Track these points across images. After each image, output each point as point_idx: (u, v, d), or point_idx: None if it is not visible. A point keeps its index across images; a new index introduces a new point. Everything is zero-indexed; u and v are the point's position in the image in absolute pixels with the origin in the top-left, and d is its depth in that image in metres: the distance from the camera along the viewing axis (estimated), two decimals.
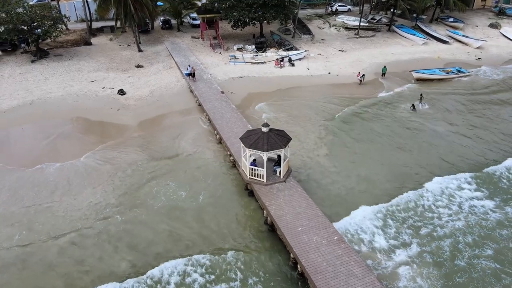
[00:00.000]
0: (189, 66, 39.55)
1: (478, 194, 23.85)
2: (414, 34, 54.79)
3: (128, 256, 19.38)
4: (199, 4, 56.62)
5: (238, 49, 49.43)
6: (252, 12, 47.17)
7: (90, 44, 51.98)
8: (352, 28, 57.80)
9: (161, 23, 58.76)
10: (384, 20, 60.08)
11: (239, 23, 48.82)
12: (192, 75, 38.73)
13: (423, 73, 41.20)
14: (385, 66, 41.91)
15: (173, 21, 58.90)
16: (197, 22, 56.39)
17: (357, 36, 55.11)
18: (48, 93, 37.77)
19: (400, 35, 56.11)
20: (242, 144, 22.99)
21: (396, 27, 57.47)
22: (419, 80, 41.13)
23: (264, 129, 22.51)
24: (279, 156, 23.06)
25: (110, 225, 21.23)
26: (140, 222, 21.51)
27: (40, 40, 46.58)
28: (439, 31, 58.09)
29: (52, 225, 21.30)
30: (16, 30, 43.06)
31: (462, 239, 20.31)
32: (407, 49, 51.60)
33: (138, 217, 21.86)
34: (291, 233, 19.13)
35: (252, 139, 22.47)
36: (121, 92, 37.77)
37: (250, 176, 23.21)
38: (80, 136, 30.30)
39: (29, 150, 28.36)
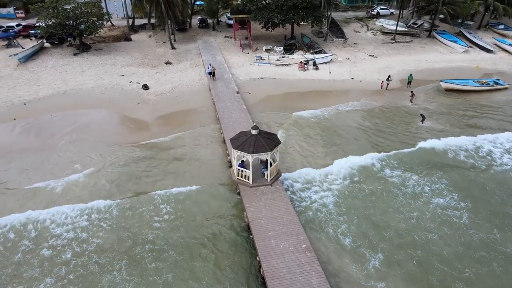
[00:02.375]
0: (210, 65, 40.65)
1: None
2: (455, 41, 51.54)
3: None
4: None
5: (266, 50, 49.78)
6: (281, 14, 47.30)
7: (130, 40, 55.04)
8: (389, 33, 55.67)
9: (198, 22, 60.67)
10: (426, 25, 57.18)
11: (269, 24, 49.15)
12: (212, 74, 39.76)
13: (453, 83, 38.76)
14: (411, 74, 40.07)
15: (210, 20, 60.55)
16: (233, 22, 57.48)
17: (393, 41, 53.03)
18: (81, 84, 40.78)
19: (440, 41, 53.11)
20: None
21: (437, 33, 54.43)
22: (448, 90, 38.78)
23: (253, 132, 22.80)
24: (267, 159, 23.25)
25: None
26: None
27: (84, 35, 50.23)
28: (486, 38, 54.14)
29: None
30: (61, 25, 46.79)
31: None
32: (444, 56, 48.77)
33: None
34: (261, 236, 19.33)
35: (241, 140, 22.86)
36: (145, 87, 39.78)
37: (238, 177, 23.63)
38: (96, 127, 32.45)
39: (51, 137, 30.93)
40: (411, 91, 36.81)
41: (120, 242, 20.37)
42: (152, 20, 54.76)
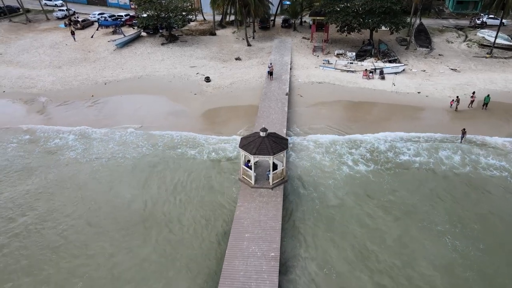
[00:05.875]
0: (270, 64, 41.20)
1: None
2: None
3: None
4: None
5: (338, 54, 48.25)
6: (357, 18, 45.31)
7: (214, 34, 58.57)
8: (489, 46, 48.85)
9: (281, 22, 61.49)
10: None
11: (345, 28, 47.50)
12: (270, 73, 40.33)
13: None
14: (488, 95, 34.89)
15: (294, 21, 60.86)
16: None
17: (488, 56, 46.44)
18: (155, 71, 45.23)
19: None
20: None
21: None
22: None
23: (262, 134, 23.00)
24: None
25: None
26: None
27: (174, 28, 55.11)
28: None
29: None
30: (153, 17, 52.13)
31: None
32: None
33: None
34: (236, 236, 19.65)
35: (249, 140, 23.27)
36: (207, 79, 42.30)
37: (243, 176, 24.11)
38: (153, 112, 35.86)
39: (116, 115, 35.36)
40: (457, 96, 34.62)
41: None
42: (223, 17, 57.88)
